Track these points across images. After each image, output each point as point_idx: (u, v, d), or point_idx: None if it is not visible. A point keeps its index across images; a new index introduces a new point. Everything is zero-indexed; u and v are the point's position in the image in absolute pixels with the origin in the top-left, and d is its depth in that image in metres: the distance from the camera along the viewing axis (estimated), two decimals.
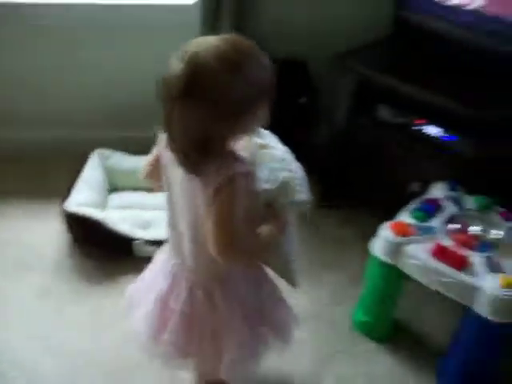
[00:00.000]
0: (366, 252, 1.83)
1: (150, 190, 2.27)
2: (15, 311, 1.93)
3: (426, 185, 2.00)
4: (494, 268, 1.62)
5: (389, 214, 1.82)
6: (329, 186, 2.38)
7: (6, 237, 2.22)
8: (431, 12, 2.18)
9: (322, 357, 1.84)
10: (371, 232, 1.80)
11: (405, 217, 1.80)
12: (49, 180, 2.45)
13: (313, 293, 2.04)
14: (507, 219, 1.80)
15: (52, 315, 1.92)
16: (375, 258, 1.78)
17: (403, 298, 1.88)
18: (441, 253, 1.65)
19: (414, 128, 2.12)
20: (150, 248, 2.00)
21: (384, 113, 2.17)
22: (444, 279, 1.63)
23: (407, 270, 1.72)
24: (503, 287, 1.55)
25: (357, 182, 2.38)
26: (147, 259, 1.55)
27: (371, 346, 1.89)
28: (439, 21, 2.16)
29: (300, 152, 1.40)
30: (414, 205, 1.85)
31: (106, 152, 2.41)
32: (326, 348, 1.87)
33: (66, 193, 2.16)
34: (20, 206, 2.35)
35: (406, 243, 1.70)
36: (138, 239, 2.06)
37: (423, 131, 2.10)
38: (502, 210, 1.84)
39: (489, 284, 1.57)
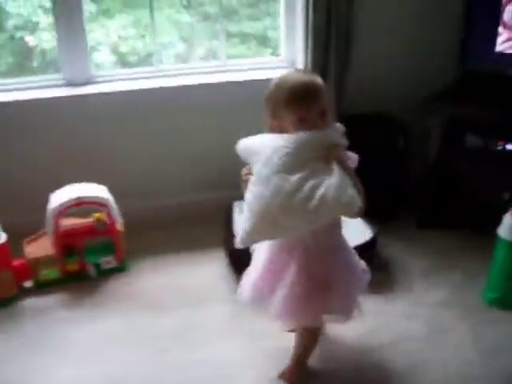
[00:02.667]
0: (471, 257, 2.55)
1: None
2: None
3: None
4: None
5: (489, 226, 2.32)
6: (427, 212, 2.89)
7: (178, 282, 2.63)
8: (492, 60, 2.78)
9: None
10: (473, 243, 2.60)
11: None
12: (198, 234, 2.93)
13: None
14: None
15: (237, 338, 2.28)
16: (502, 240, 2.25)
17: None
18: None
19: (498, 148, 2.65)
20: None
21: (471, 140, 2.70)
22: None
23: None
24: None
25: (453, 203, 2.86)
26: None
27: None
28: (501, 67, 2.75)
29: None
30: None
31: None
32: None
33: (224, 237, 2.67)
34: (179, 256, 2.80)
35: None
36: None
37: (506, 149, 2.63)
38: None
39: None
